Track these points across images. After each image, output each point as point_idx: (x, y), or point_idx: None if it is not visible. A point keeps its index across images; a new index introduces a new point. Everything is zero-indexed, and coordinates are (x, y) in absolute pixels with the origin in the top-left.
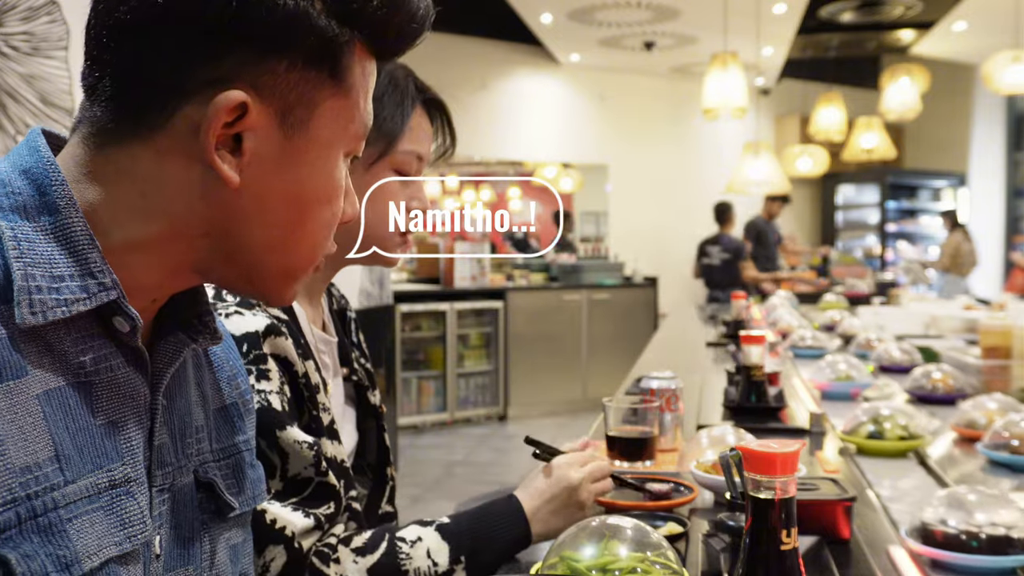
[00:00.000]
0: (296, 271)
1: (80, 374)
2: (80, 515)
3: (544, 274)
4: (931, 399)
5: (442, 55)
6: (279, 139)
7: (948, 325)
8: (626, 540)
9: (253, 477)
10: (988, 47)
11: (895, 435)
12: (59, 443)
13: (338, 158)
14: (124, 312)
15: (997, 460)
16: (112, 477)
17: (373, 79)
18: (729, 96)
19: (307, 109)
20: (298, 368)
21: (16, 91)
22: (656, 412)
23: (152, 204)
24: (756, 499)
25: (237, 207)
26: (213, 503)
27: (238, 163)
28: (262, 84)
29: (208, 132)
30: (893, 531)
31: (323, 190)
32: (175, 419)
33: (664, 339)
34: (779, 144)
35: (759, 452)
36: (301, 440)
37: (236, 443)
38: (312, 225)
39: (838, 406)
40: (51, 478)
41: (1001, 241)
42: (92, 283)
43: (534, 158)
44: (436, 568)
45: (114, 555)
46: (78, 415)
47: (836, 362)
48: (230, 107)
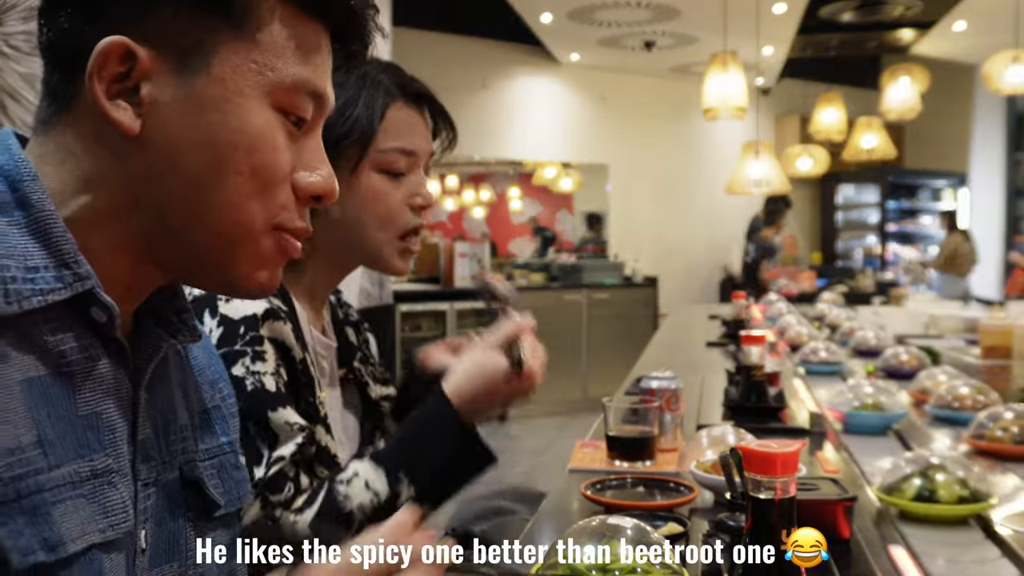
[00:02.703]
0: (232, 233)
1: (61, 364)
2: (64, 500)
3: (544, 274)
4: (898, 374)
5: (442, 55)
6: (178, 84)
7: (948, 325)
8: (626, 540)
9: (238, 478)
10: (988, 47)
11: (952, 495)
12: (42, 429)
13: (258, 107)
14: (100, 302)
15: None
16: (94, 467)
17: (309, 38)
18: (729, 96)
19: (204, 54)
20: (296, 353)
21: (16, 91)
22: (656, 412)
23: (83, 176)
24: (756, 499)
25: (149, 159)
26: (199, 501)
27: (138, 112)
28: (150, 32)
29: (93, 81)
30: (893, 531)
31: (239, 138)
32: (158, 415)
33: (664, 339)
34: (779, 144)
35: (759, 452)
36: (292, 422)
37: (220, 444)
38: (234, 179)
39: (864, 441)
40: (35, 462)
41: (1001, 241)
42: (67, 273)
43: (534, 158)
44: (379, 497)
45: (97, 541)
46: (59, 404)
47: (860, 386)
48: (115, 54)
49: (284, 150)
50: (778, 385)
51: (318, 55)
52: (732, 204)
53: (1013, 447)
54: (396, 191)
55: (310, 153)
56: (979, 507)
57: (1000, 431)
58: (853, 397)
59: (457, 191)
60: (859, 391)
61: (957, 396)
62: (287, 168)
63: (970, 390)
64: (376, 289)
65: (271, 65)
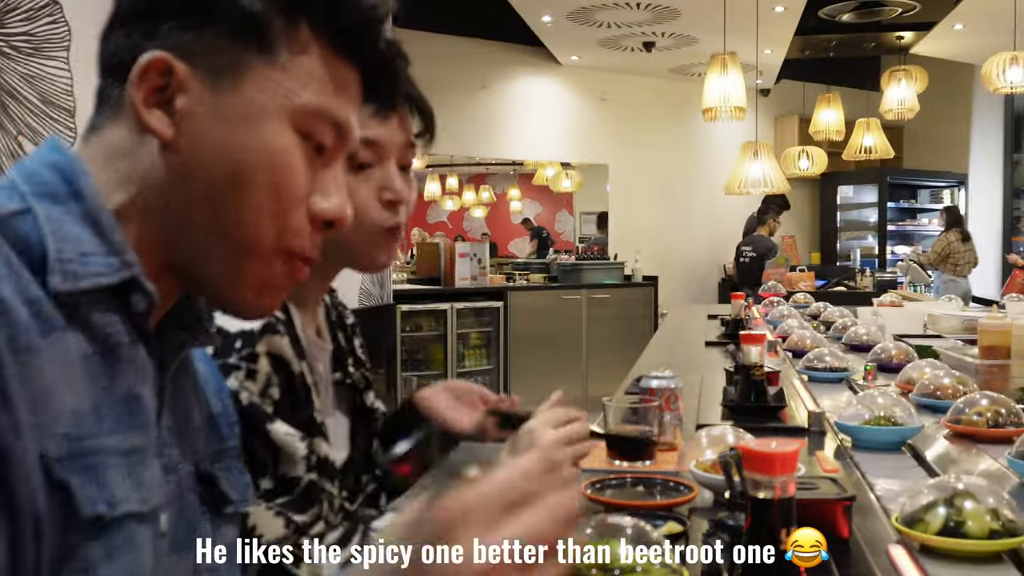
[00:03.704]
0: (244, 247)
1: (108, 345)
2: (113, 466)
3: (544, 274)
4: (887, 368)
5: (442, 55)
6: (210, 98)
7: (947, 325)
8: (626, 539)
9: (244, 481)
10: (987, 47)
11: (982, 528)
12: (95, 400)
13: (281, 129)
14: (142, 289)
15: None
16: (132, 444)
17: (339, 76)
18: (728, 96)
19: (236, 74)
20: (294, 367)
21: (17, 91)
22: (656, 412)
23: (124, 175)
24: (755, 499)
25: (179, 165)
26: (211, 496)
27: (171, 121)
28: (190, 50)
29: (134, 89)
30: (893, 531)
31: (260, 154)
32: (179, 408)
33: (664, 339)
34: (779, 144)
35: (758, 452)
36: (293, 433)
37: (227, 448)
38: (250, 193)
39: (876, 458)
40: (91, 427)
41: (1000, 241)
42: (115, 260)
43: (534, 158)
44: None
45: (135, 510)
46: (105, 382)
47: (872, 396)
48: (155, 68)
49: (301, 173)
50: (777, 384)
51: (344, 92)
52: (732, 204)
53: (987, 430)
54: (360, 185)
55: (327, 181)
56: (1014, 542)
57: (976, 416)
58: (863, 409)
59: (457, 191)
60: (870, 403)
61: (939, 386)
62: (303, 190)
63: (951, 380)
64: (376, 289)
65: (296, 91)
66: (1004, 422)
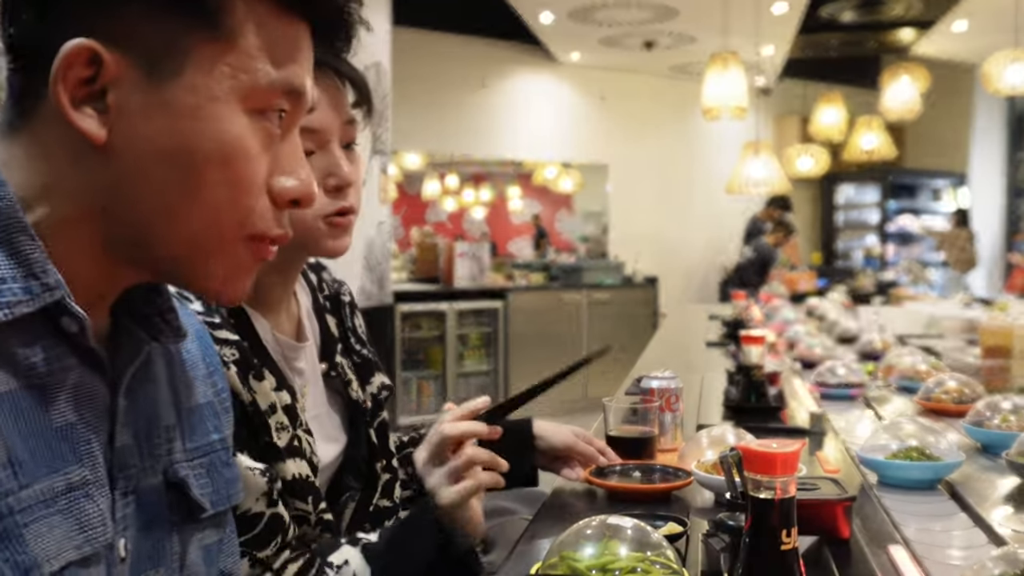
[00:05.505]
0: (206, 245)
1: (32, 376)
2: (37, 519)
3: (544, 274)
4: (872, 356)
5: (442, 54)
6: (148, 90)
7: (948, 325)
8: (626, 540)
9: (229, 476)
10: (988, 47)
11: None
12: (11, 447)
13: (232, 113)
14: (70, 312)
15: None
16: (69, 480)
17: (288, 36)
18: (729, 96)
19: (177, 57)
20: (244, 397)
21: None
22: (656, 412)
23: (49, 182)
24: (756, 499)
25: (117, 169)
26: (184, 504)
27: (105, 119)
28: (117, 33)
29: (57, 87)
30: (893, 531)
31: (213, 148)
32: (140, 419)
33: (664, 339)
34: (779, 144)
35: (759, 452)
36: (253, 467)
37: (211, 442)
38: (209, 189)
39: (905, 498)
40: (4, 483)
41: (1001, 240)
42: (35, 284)
43: (534, 158)
44: None
45: (74, 559)
46: (32, 418)
47: (898, 424)
48: (80, 58)
49: (259, 158)
50: (778, 385)
51: (298, 53)
52: (732, 204)
53: (953, 406)
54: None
55: (287, 156)
56: None
57: (943, 395)
58: (891, 438)
59: (457, 191)
60: (897, 431)
61: (916, 371)
62: (262, 177)
63: (926, 366)
64: (376, 289)
65: (246, 67)
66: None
